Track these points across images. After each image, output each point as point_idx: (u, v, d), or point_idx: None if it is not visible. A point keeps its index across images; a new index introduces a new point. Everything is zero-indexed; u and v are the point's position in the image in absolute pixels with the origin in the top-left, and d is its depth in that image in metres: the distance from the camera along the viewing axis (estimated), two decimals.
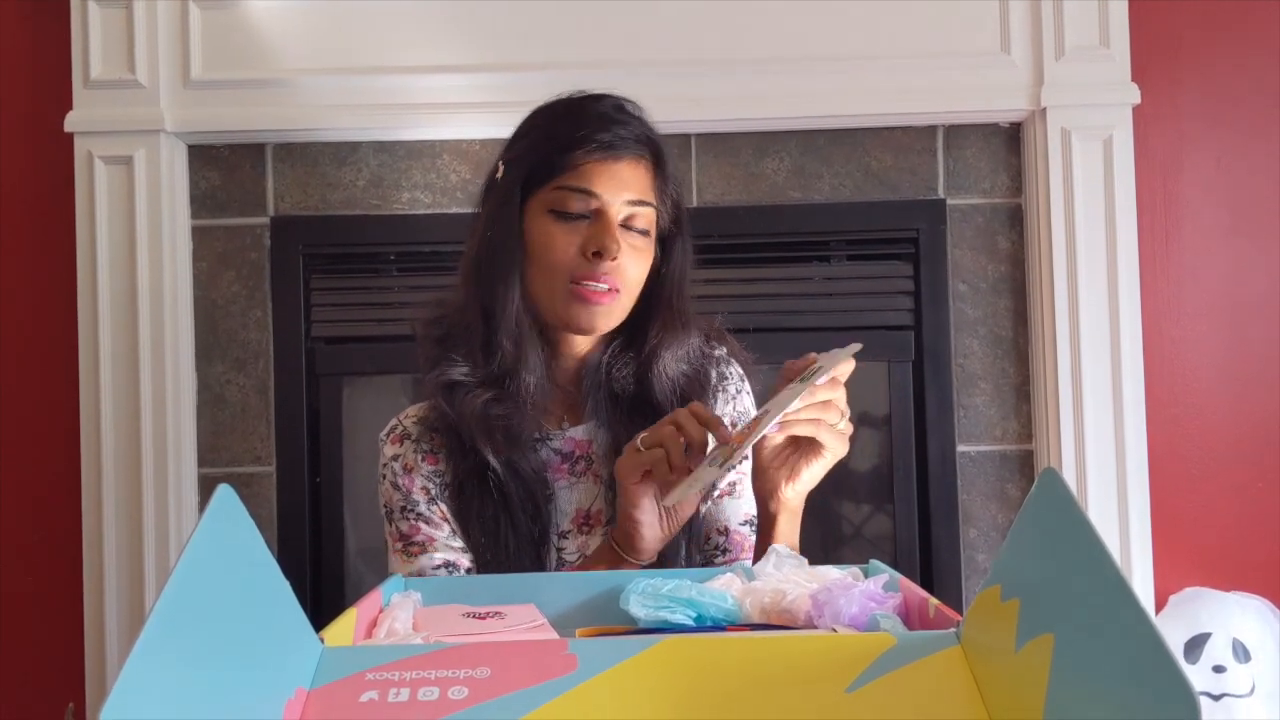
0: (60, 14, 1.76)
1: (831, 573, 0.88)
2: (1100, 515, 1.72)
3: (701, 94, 1.74)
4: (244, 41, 1.76)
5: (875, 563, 0.92)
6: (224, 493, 0.61)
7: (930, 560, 1.79)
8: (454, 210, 1.78)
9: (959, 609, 0.77)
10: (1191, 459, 1.83)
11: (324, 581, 1.80)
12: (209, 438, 1.79)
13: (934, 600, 0.74)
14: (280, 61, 1.76)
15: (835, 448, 1.03)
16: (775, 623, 0.80)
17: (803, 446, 1.04)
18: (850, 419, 1.04)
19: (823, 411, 1.00)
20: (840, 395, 1.01)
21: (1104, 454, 1.74)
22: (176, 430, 1.74)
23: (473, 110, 1.76)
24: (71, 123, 1.74)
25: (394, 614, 0.82)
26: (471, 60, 1.76)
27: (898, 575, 0.84)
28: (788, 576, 0.87)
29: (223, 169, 1.80)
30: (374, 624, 0.81)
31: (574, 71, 1.17)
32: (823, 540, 1.84)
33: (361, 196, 1.79)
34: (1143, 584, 1.72)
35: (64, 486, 1.78)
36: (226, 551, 0.59)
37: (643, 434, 1.01)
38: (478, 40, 1.76)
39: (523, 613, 0.83)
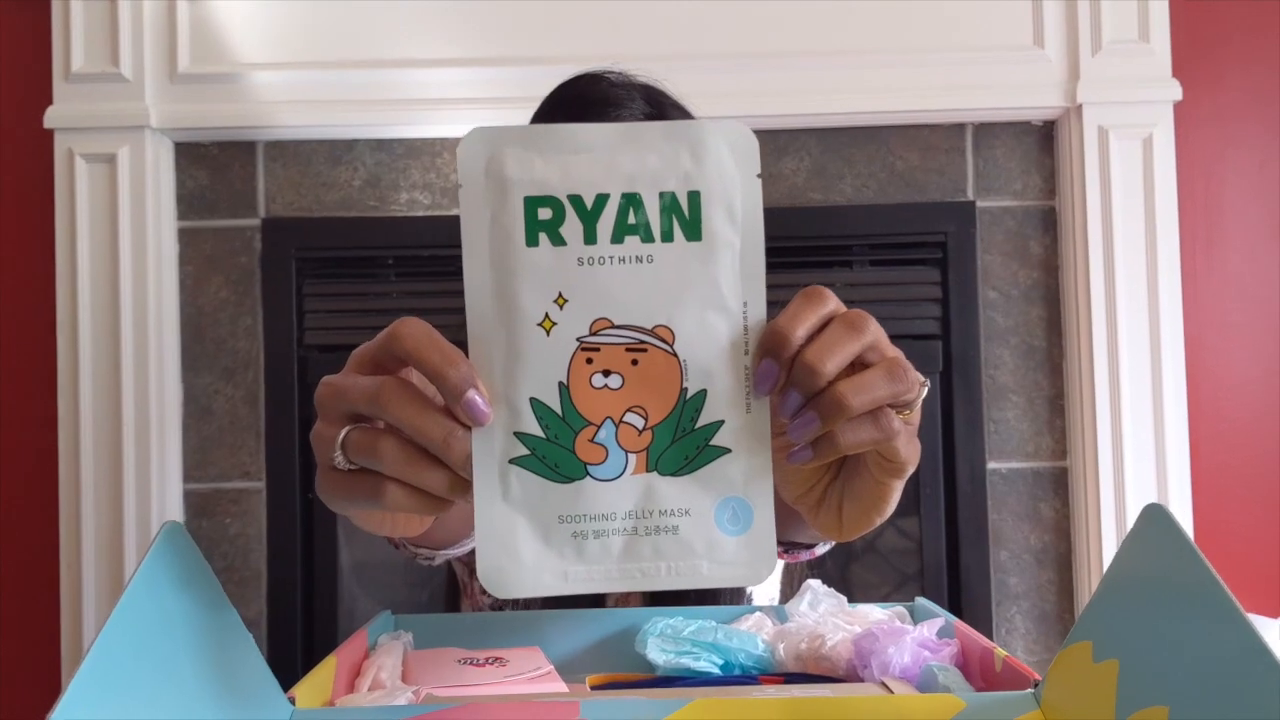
0: (40, 3, 1.69)
1: (874, 613, 0.79)
2: None
3: (716, 90, 1.66)
4: (234, 34, 1.69)
5: (922, 601, 0.82)
6: (171, 530, 0.52)
7: (958, 584, 1.71)
8: (455, 212, 1.65)
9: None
10: (1237, 477, 1.75)
11: (316, 605, 1.72)
12: (195, 452, 1.71)
13: (1000, 651, 0.65)
14: (272, 55, 1.68)
15: (899, 452, 0.54)
16: (813, 672, 0.72)
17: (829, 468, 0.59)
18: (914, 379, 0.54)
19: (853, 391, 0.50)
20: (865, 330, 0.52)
21: (1144, 472, 1.66)
22: (160, 444, 1.67)
23: (475, 106, 1.67)
24: (51, 118, 1.66)
25: (380, 660, 0.73)
26: (474, 54, 1.68)
27: (953, 619, 0.75)
28: (825, 618, 0.78)
29: (211, 168, 1.72)
30: (358, 671, 0.72)
31: (581, 66, 1.08)
32: (843, 561, 1.77)
33: (358, 197, 1.72)
34: None
35: (40, 502, 1.70)
36: (173, 600, 0.51)
37: (336, 426, 0.52)
38: (480, 33, 1.69)
39: (526, 657, 0.75)
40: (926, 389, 0.55)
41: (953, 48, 1.69)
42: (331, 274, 1.74)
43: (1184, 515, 1.66)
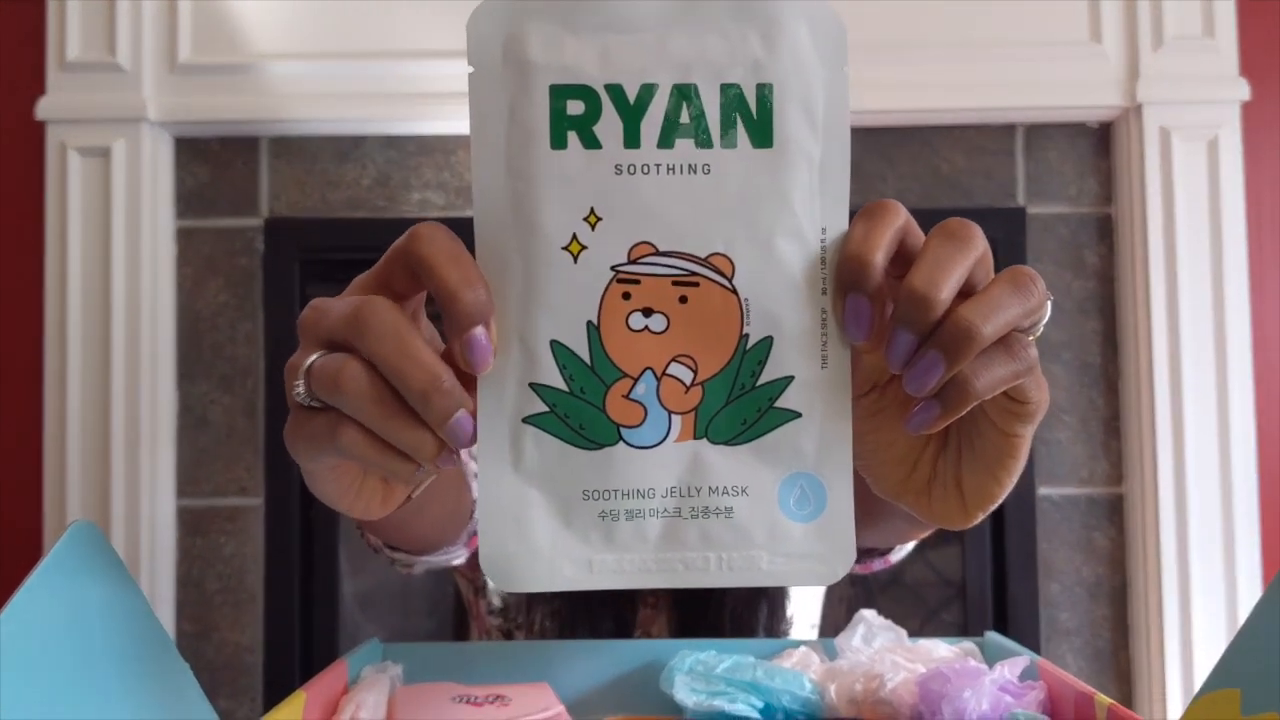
0: None
1: (939, 649, 0.69)
2: (1203, 569, 1.56)
3: None
4: (238, 22, 1.63)
5: (994, 635, 0.72)
6: (81, 531, 0.42)
7: (1005, 618, 1.63)
8: (469, 213, 1.61)
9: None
10: None
11: (315, 631, 1.65)
12: (189, 465, 1.64)
13: (1104, 698, 0.54)
14: (278, 45, 1.63)
15: (1030, 390, 0.44)
16: (870, 718, 0.63)
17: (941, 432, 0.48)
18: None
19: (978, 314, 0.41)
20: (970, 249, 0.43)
21: (1208, 499, 1.57)
22: (152, 456, 1.60)
23: None
24: (43, 109, 1.61)
25: (360, 697, 0.64)
26: None
27: (1036, 657, 0.64)
28: (882, 654, 0.68)
29: (212, 164, 1.67)
30: (334, 709, 0.63)
31: None
32: (866, 590, 1.68)
33: (366, 197, 1.66)
34: None
35: (23, 517, 1.63)
36: (82, 625, 0.41)
37: (307, 354, 0.43)
38: None
39: (532, 695, 0.66)
40: (1051, 303, 0.45)
41: (1003, 43, 1.62)
42: (337, 278, 1.65)
43: (1250, 544, 1.58)
